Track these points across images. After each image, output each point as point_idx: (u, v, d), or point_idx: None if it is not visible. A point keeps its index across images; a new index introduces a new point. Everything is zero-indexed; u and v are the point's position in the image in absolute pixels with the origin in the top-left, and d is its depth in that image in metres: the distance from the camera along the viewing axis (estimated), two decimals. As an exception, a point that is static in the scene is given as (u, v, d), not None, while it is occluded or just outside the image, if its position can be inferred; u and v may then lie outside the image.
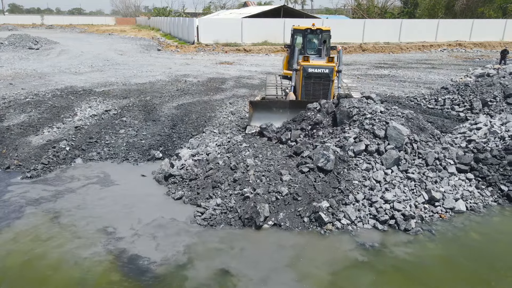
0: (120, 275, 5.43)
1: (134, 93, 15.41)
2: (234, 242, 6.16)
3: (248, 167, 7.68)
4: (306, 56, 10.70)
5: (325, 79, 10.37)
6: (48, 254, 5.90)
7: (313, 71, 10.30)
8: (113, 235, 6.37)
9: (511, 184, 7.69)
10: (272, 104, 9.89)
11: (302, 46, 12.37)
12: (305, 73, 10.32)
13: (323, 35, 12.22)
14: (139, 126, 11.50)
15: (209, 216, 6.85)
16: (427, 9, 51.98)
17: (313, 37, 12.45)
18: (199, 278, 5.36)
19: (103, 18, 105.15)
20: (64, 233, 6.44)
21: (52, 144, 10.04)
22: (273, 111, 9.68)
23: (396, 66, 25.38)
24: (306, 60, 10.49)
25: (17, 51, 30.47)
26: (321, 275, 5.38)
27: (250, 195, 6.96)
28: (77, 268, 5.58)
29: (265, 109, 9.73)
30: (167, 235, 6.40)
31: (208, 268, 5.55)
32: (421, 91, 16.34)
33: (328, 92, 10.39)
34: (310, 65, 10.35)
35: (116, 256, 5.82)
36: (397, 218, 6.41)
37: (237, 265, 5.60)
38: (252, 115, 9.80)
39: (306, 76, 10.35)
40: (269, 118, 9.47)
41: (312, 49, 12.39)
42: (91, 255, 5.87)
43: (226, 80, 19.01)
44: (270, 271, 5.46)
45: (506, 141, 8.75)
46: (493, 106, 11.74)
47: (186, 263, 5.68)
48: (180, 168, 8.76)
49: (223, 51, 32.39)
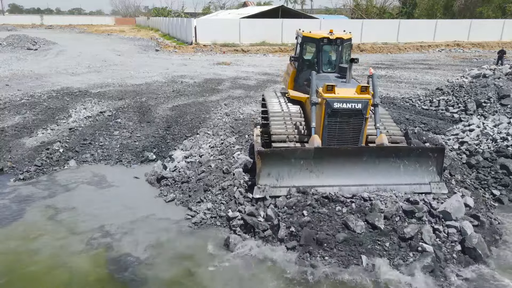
0: (105, 272, 5.58)
1: (130, 94, 15.42)
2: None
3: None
4: (331, 85, 7.37)
5: (356, 117, 7.39)
6: (40, 250, 6.02)
7: (340, 106, 7.29)
8: (103, 236, 6.42)
9: (503, 187, 7.71)
10: (289, 153, 6.85)
11: (315, 61, 9.05)
12: (329, 109, 7.32)
13: (345, 46, 8.81)
14: (133, 127, 11.51)
15: (199, 220, 6.87)
16: (426, 9, 51.99)
17: (331, 49, 9.07)
18: (176, 278, 5.39)
19: (102, 18, 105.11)
20: (53, 232, 6.53)
21: (46, 146, 10.05)
22: (290, 162, 6.82)
23: (393, 66, 25.38)
24: (331, 90, 7.34)
25: (15, 51, 30.47)
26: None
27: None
28: (64, 262, 5.73)
29: (279, 160, 6.79)
30: (155, 237, 6.43)
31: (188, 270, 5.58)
32: (416, 92, 16.34)
33: (360, 134, 7.47)
34: (336, 98, 7.29)
35: (103, 255, 5.93)
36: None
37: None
38: (260, 171, 6.75)
39: (331, 114, 7.37)
40: (285, 172, 6.85)
41: (329, 66, 9.13)
42: (78, 252, 6.00)
43: (222, 81, 19.01)
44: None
45: (498, 143, 8.76)
46: (487, 107, 11.75)
47: (169, 265, 5.75)
48: (172, 170, 8.78)
49: (221, 51, 32.38)
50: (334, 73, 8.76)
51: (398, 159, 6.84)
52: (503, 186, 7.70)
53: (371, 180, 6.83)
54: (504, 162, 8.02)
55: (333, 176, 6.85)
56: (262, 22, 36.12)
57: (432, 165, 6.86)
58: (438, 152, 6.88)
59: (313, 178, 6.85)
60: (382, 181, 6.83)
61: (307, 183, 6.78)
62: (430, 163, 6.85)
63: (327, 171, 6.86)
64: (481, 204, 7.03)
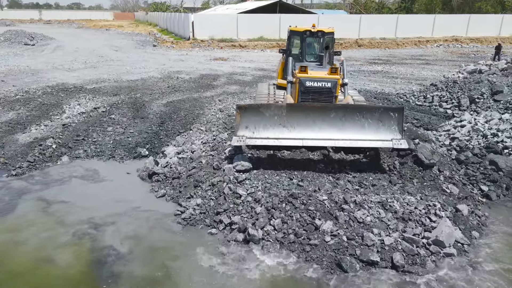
0: (86, 265, 5.69)
1: (125, 90, 15.44)
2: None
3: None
4: (304, 66, 8.75)
5: (326, 95, 8.56)
6: (26, 242, 6.12)
7: (312, 84, 8.48)
8: (89, 228, 6.50)
9: (492, 183, 7.75)
10: (265, 108, 7.68)
11: (300, 51, 10.44)
12: (302, 87, 8.50)
13: (326, 39, 10.16)
14: (127, 123, 11.55)
15: (188, 216, 6.91)
16: (425, 4, 51.84)
17: (314, 41, 10.40)
18: (156, 274, 5.45)
19: (101, 13, 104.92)
20: (42, 224, 6.65)
21: (38, 142, 10.09)
22: (265, 117, 7.62)
23: (390, 62, 25.37)
24: (304, 71, 8.64)
25: (12, 47, 30.46)
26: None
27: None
28: (47, 254, 5.84)
29: (256, 115, 7.62)
30: (141, 232, 6.48)
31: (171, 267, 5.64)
32: (412, 87, 16.36)
33: None
34: (308, 77, 8.53)
35: (87, 248, 6.02)
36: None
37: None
38: (239, 123, 7.60)
39: (304, 91, 8.54)
40: (260, 126, 7.64)
41: (312, 56, 10.41)
42: (63, 244, 6.15)
43: (218, 76, 19.03)
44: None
45: (488, 139, 8.80)
46: (480, 103, 11.78)
47: (151, 260, 5.80)
48: (164, 166, 8.82)
49: (219, 47, 32.36)
50: (316, 62, 9.97)
51: (362, 117, 7.56)
52: (491, 182, 7.73)
53: (338, 135, 7.55)
54: (493, 158, 8.05)
55: (303, 131, 7.61)
56: (260, 17, 36.08)
57: (394, 124, 7.54)
58: (398, 112, 7.54)
59: (285, 132, 7.63)
60: (348, 136, 7.53)
61: (280, 136, 7.59)
62: (392, 122, 7.52)
63: (298, 126, 7.63)
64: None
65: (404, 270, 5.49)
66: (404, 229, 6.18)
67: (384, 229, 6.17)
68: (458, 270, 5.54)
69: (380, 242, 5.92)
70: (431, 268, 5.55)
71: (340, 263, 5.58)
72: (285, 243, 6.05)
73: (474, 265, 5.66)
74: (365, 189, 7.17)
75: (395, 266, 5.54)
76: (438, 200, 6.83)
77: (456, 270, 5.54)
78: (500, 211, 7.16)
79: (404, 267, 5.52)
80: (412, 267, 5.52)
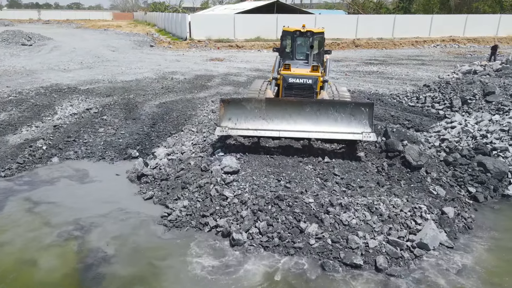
0: (70, 267, 5.64)
1: (119, 91, 15.42)
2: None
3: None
4: (288, 63, 9.54)
5: (308, 90, 9.32)
6: (11, 242, 6.09)
7: (294, 81, 9.26)
8: (74, 230, 6.47)
9: (479, 184, 7.74)
10: (246, 102, 8.43)
11: (290, 50, 11.12)
12: (285, 83, 9.29)
13: (315, 38, 10.72)
14: (118, 124, 11.53)
15: (175, 217, 6.89)
16: (423, 4, 51.82)
17: (304, 41, 10.96)
18: (141, 275, 5.44)
19: (100, 13, 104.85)
20: (27, 224, 6.58)
21: (29, 143, 10.07)
22: (246, 110, 8.34)
23: (386, 62, 25.34)
24: (288, 68, 9.42)
25: (9, 47, 30.42)
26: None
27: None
28: (31, 255, 5.78)
29: (238, 108, 8.36)
30: (126, 233, 6.47)
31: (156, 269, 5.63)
32: (406, 88, 16.34)
33: None
34: (291, 74, 9.30)
35: (71, 249, 5.99)
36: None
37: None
38: (223, 115, 8.37)
39: (287, 87, 9.32)
40: (242, 118, 8.36)
41: (302, 54, 11.02)
42: (47, 245, 6.14)
43: (213, 77, 19.01)
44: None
45: (477, 140, 8.79)
46: (472, 104, 11.76)
47: (135, 261, 5.79)
48: (153, 167, 8.80)
49: (216, 47, 32.33)
50: (305, 60, 10.68)
51: (335, 112, 8.14)
52: (479, 183, 7.72)
53: (313, 128, 8.14)
54: (481, 159, 8.03)
55: (280, 123, 8.27)
56: (257, 18, 36.07)
57: (365, 118, 8.06)
58: (369, 107, 8.05)
59: (264, 124, 8.30)
60: (322, 129, 8.09)
61: (259, 127, 8.25)
62: (363, 116, 8.06)
63: (276, 119, 8.30)
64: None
65: (387, 273, 5.48)
66: (389, 231, 6.18)
67: (369, 231, 6.17)
68: (442, 272, 5.53)
69: (364, 245, 5.92)
70: (413, 271, 5.54)
71: (323, 266, 5.57)
72: (269, 246, 6.05)
73: (458, 268, 5.65)
74: (352, 191, 7.16)
75: (378, 269, 5.54)
76: (424, 202, 6.83)
77: (439, 272, 5.53)
78: (486, 213, 7.15)
79: (387, 270, 5.52)
80: (395, 270, 5.51)
